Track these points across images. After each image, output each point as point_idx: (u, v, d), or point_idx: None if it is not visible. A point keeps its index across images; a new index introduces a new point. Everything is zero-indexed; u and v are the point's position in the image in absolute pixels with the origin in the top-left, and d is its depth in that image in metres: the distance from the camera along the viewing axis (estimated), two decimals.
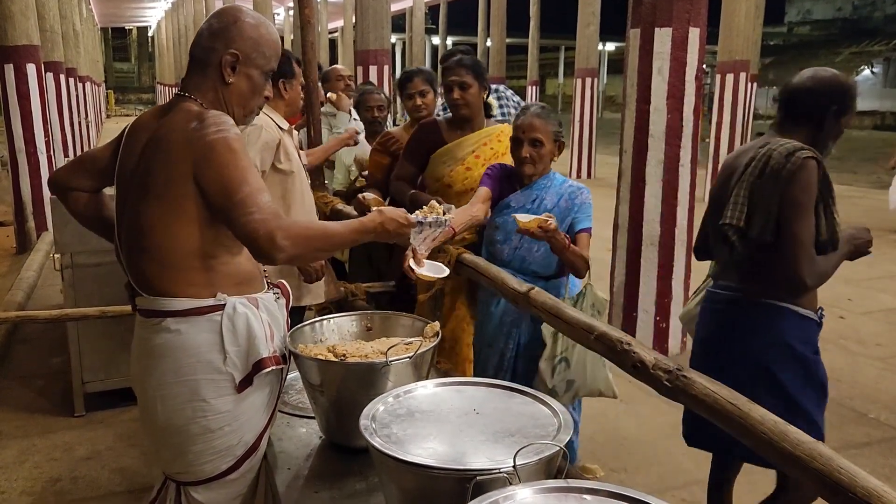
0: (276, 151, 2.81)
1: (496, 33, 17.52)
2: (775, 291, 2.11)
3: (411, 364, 1.78)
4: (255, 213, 1.54)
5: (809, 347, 2.19)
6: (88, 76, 18.76)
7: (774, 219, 2.00)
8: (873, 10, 42.49)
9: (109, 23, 42.82)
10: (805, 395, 2.15)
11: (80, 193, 1.90)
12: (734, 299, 2.20)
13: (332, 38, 33.63)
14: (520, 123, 2.55)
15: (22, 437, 3.53)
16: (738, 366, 2.13)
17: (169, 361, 1.68)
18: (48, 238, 7.26)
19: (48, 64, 8.84)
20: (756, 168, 2.04)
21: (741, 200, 2.06)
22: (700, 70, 4.42)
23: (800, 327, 2.16)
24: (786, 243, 1.99)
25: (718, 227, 2.11)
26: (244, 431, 1.75)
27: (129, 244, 1.72)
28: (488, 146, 2.98)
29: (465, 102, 2.91)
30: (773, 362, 2.11)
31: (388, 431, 1.43)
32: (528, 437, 1.39)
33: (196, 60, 1.75)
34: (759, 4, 11.37)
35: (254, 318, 1.71)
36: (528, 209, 2.54)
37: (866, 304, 5.84)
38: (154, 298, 1.68)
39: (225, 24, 1.73)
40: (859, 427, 3.75)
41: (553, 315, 1.88)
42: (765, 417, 1.28)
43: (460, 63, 2.89)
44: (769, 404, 1.36)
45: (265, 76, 1.79)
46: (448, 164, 2.99)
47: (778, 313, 2.12)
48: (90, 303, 3.40)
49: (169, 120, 1.69)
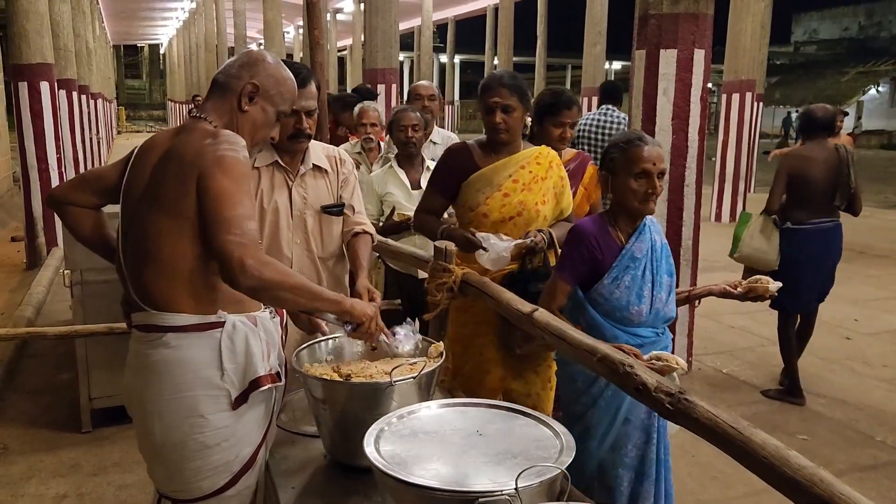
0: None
1: (503, 52, 17.65)
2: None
3: (415, 384, 1.80)
4: (237, 236, 1.58)
5: None
6: (100, 93, 18.95)
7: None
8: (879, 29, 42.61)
9: (122, 40, 43.39)
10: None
11: (77, 209, 1.94)
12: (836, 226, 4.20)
13: (342, 56, 33.93)
14: (646, 155, 2.18)
15: (29, 453, 3.55)
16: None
17: (168, 377, 1.71)
18: (58, 254, 7.32)
19: (61, 81, 8.95)
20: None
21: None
22: (705, 91, 4.45)
23: None
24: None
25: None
26: (241, 447, 1.78)
27: (135, 257, 1.75)
28: (526, 169, 2.70)
29: (507, 127, 2.64)
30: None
31: (392, 452, 1.45)
32: (530, 458, 1.40)
33: (218, 85, 1.83)
34: (765, 24, 11.43)
35: (252, 337, 1.76)
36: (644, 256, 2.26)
37: (872, 324, 5.82)
38: (155, 313, 1.71)
39: (253, 60, 1.85)
40: (865, 449, 3.73)
41: (557, 337, 1.90)
42: (766, 442, 1.29)
43: (503, 83, 2.63)
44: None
45: (277, 115, 1.88)
46: (483, 190, 2.69)
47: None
48: (99, 319, 3.43)
49: (184, 138, 1.75)
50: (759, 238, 4.24)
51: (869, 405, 4.27)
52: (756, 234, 4.26)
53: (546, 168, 2.70)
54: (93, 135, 14.26)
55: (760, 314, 6.00)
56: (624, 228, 2.28)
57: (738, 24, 10.05)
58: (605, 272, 2.23)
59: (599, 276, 2.24)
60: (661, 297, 2.27)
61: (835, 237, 4.25)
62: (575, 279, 2.27)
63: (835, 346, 5.30)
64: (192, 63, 27.42)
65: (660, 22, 4.29)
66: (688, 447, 3.47)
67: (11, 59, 7.26)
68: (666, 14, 4.27)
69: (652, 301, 2.25)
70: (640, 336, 2.24)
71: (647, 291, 2.24)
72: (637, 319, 2.23)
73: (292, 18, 27.19)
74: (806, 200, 4.17)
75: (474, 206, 2.69)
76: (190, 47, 28.14)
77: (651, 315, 2.25)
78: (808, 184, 4.15)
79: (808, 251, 4.18)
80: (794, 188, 4.18)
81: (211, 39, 21.68)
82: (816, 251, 4.20)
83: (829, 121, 4.29)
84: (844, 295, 6.63)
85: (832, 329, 5.63)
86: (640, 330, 2.25)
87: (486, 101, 2.65)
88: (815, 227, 4.18)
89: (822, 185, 4.14)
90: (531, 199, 2.67)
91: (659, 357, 1.93)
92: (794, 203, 4.19)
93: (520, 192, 2.66)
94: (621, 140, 2.25)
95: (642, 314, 2.23)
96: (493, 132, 2.66)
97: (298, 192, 2.48)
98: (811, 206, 4.17)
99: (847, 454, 3.67)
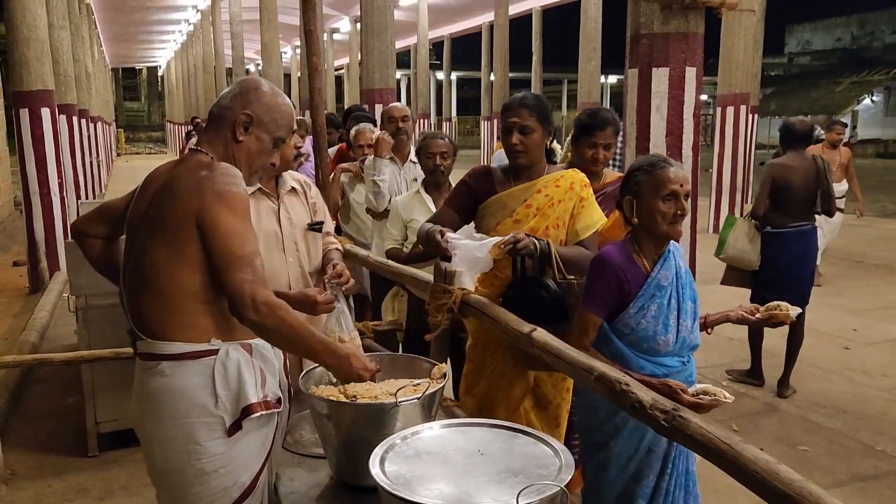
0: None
1: (499, 68, 17.81)
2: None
3: (419, 405, 1.84)
4: (249, 274, 1.68)
5: None
6: (100, 116, 19.10)
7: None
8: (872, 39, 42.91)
9: (120, 63, 43.69)
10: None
11: (94, 240, 2.02)
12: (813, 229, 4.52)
13: (339, 76, 34.15)
14: (672, 177, 2.13)
15: (37, 478, 3.58)
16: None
17: (165, 405, 1.75)
18: (60, 278, 7.37)
19: (61, 107, 9.04)
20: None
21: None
22: (698, 108, 4.52)
23: None
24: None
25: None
26: (239, 473, 1.81)
27: (132, 287, 1.81)
28: (542, 192, 2.59)
29: (525, 149, 2.53)
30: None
31: (397, 472, 1.49)
32: (530, 477, 1.45)
33: (213, 118, 1.88)
34: (757, 38, 11.55)
35: (245, 364, 1.78)
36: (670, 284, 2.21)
37: (871, 334, 5.86)
38: (151, 342, 1.76)
39: (245, 89, 1.88)
40: (866, 459, 3.76)
41: (556, 356, 1.95)
42: (757, 457, 1.33)
43: (524, 103, 2.53)
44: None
45: (274, 142, 1.91)
46: (496, 215, 2.62)
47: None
48: (104, 343, 3.47)
49: (180, 170, 1.81)
50: (743, 240, 4.59)
51: (869, 415, 4.30)
52: (741, 237, 4.60)
53: (565, 190, 2.59)
54: (93, 158, 14.36)
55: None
56: (649, 254, 2.21)
57: (731, 38, 10.17)
58: (631, 301, 2.16)
59: (625, 305, 2.17)
60: (687, 324, 2.21)
61: (812, 238, 4.62)
62: (604, 311, 2.19)
63: (834, 356, 5.34)
64: (191, 84, 27.61)
65: (651, 41, 4.37)
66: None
67: (12, 85, 7.34)
68: (657, 33, 4.34)
69: (678, 330, 2.19)
70: (667, 366, 2.18)
71: (673, 320, 2.18)
72: (664, 349, 2.18)
73: (289, 39, 27.43)
74: (787, 206, 4.51)
75: (487, 230, 2.63)
76: (188, 69, 28.34)
77: (678, 344, 2.20)
78: (789, 190, 4.49)
79: (789, 252, 4.52)
80: (776, 195, 4.51)
81: (209, 61, 21.85)
82: (797, 251, 4.54)
83: (807, 133, 4.68)
84: (843, 305, 6.68)
85: (831, 339, 5.66)
86: (666, 359, 2.19)
87: (504, 122, 2.57)
88: (795, 229, 4.53)
89: (801, 191, 4.50)
90: (542, 224, 2.58)
91: (706, 391, 1.89)
92: (776, 208, 4.52)
93: (532, 218, 2.57)
94: (645, 163, 2.20)
95: (669, 343, 2.17)
96: (511, 154, 2.58)
97: (284, 215, 2.63)
98: (792, 211, 4.52)
99: (848, 464, 3.70)
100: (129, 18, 24.68)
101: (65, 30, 10.55)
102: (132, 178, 19.77)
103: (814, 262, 4.75)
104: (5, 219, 10.86)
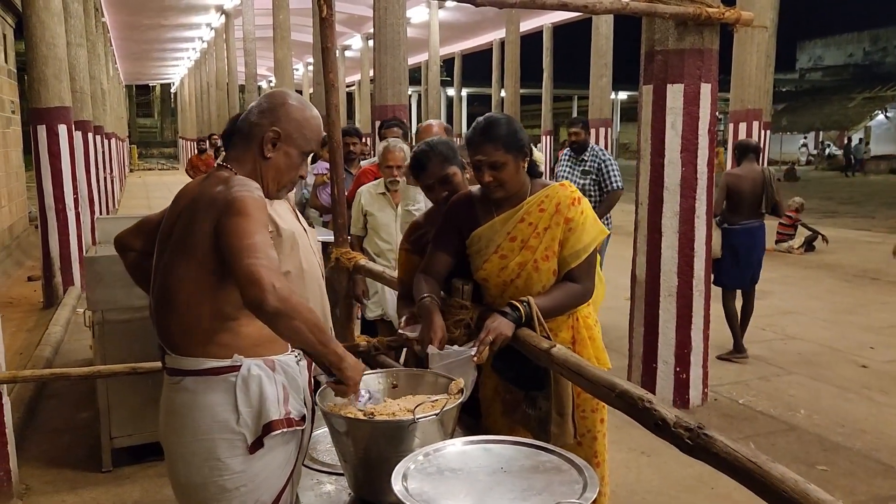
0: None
1: (510, 84, 17.90)
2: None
3: (438, 421, 1.83)
4: (262, 259, 1.58)
5: None
6: (114, 133, 19.29)
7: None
8: (885, 55, 42.80)
9: (134, 80, 44.25)
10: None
11: (132, 253, 2.06)
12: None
13: (350, 92, 34.40)
14: None
15: (51, 493, 3.58)
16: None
17: (188, 421, 1.75)
18: (74, 293, 7.42)
19: (78, 123, 9.13)
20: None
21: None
22: (713, 124, 4.52)
23: None
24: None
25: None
26: (261, 492, 1.79)
27: (158, 301, 1.82)
28: (526, 221, 2.36)
29: (501, 183, 2.32)
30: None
31: (419, 490, 1.48)
32: (554, 495, 1.43)
33: (241, 134, 1.87)
34: (769, 54, 11.57)
35: (267, 381, 1.76)
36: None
37: (889, 352, 5.78)
38: (176, 357, 1.77)
39: (273, 104, 1.86)
40: (886, 480, 3.70)
41: (575, 373, 1.93)
42: (785, 476, 1.31)
43: (486, 138, 2.30)
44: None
45: (303, 156, 1.91)
46: (482, 252, 2.41)
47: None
48: (119, 358, 3.47)
49: (205, 185, 1.82)
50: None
51: (889, 434, 4.23)
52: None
53: (551, 214, 2.35)
54: (107, 174, 14.49)
55: (775, 343, 6.01)
56: None
57: (743, 55, 10.19)
58: None
59: None
60: None
61: (759, 234, 5.71)
62: None
63: (851, 374, 5.27)
64: (203, 101, 27.90)
65: (666, 58, 4.39)
66: (706, 479, 3.46)
67: (31, 103, 7.45)
68: (672, 50, 4.36)
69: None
70: None
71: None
72: None
73: (301, 56, 27.68)
74: (738, 207, 5.57)
75: (475, 270, 2.44)
76: (201, 86, 28.64)
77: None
78: (739, 194, 5.56)
79: (739, 244, 5.58)
80: (730, 198, 5.58)
81: (222, 78, 22.09)
82: (746, 243, 5.61)
83: (756, 148, 6.02)
84: (859, 322, 6.61)
85: (848, 357, 5.60)
86: None
87: (471, 159, 2.36)
88: (743, 227, 5.60)
89: (749, 196, 5.57)
90: (530, 258, 2.36)
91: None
92: (730, 209, 5.59)
93: (518, 252, 2.36)
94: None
95: None
96: (487, 190, 2.38)
97: (301, 221, 2.74)
98: (742, 211, 5.58)
99: (867, 485, 3.64)
100: (143, 36, 25.04)
101: (81, 48, 10.69)
102: (145, 194, 20.00)
103: (761, 252, 5.75)
104: (20, 234, 10.95)
